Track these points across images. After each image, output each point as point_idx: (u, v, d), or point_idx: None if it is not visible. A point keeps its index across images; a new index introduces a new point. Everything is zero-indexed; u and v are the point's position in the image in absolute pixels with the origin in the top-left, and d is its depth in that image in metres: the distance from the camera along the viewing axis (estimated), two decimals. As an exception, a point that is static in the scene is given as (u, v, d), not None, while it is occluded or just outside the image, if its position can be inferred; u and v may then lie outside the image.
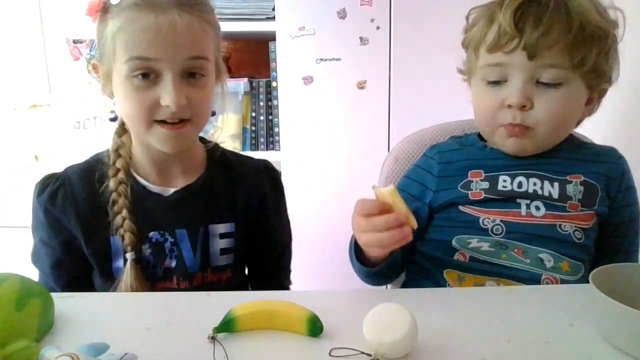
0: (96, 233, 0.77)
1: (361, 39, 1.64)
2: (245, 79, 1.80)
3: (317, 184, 1.74)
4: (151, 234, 0.79)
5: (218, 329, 0.56)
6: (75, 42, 2.11)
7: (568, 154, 0.79)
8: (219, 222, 0.82)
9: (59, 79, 2.17)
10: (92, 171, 0.79)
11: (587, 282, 0.75)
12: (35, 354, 0.49)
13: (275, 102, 1.78)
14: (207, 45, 0.74)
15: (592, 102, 0.78)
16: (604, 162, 0.79)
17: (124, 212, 0.76)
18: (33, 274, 0.61)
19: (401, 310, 0.53)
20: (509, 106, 0.73)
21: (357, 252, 0.73)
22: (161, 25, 0.68)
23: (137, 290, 0.75)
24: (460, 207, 0.77)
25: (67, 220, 0.77)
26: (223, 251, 0.82)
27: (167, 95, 0.70)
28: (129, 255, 0.76)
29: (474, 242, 0.75)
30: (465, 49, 0.83)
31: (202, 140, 0.88)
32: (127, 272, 0.76)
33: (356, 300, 0.68)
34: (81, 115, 2.19)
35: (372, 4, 1.61)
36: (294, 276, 0.95)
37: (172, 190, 0.80)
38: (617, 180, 0.78)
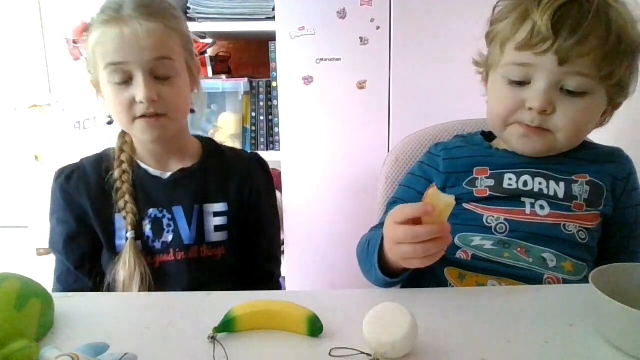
0: (103, 211, 0.88)
1: (361, 39, 1.64)
2: (245, 79, 1.80)
3: (317, 184, 1.74)
4: (150, 210, 0.89)
5: (218, 329, 0.56)
6: (75, 42, 2.11)
7: (574, 154, 0.78)
8: (212, 201, 0.91)
9: (59, 79, 2.17)
10: (101, 161, 0.91)
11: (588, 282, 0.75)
12: (35, 354, 0.49)
13: (275, 102, 1.78)
14: (171, 47, 0.84)
15: (606, 114, 0.77)
16: (611, 162, 0.79)
17: (127, 197, 0.87)
18: (33, 274, 0.61)
19: (401, 310, 0.53)
20: (529, 109, 0.71)
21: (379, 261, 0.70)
22: (126, 34, 0.80)
23: (135, 265, 0.84)
24: (465, 205, 0.77)
25: (80, 196, 0.88)
26: (217, 228, 0.91)
27: (139, 92, 0.81)
28: (129, 234, 0.86)
29: (477, 240, 0.74)
30: (488, 42, 0.79)
31: (198, 137, 0.98)
32: (126, 248, 0.86)
33: (356, 300, 0.68)
34: (81, 115, 2.19)
35: (372, 4, 1.61)
36: (294, 276, 0.96)
37: (169, 174, 0.91)
38: (623, 180, 0.78)
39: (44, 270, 0.89)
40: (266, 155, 1.84)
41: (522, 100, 0.72)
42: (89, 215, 0.88)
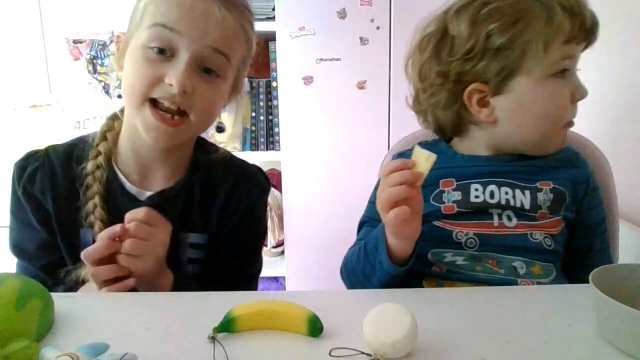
0: (68, 222, 0.75)
1: (361, 39, 1.64)
2: (245, 79, 1.80)
3: (317, 183, 1.74)
4: None
5: (218, 329, 0.56)
6: (75, 42, 2.11)
7: (537, 161, 0.79)
8: (190, 230, 0.79)
9: (59, 79, 2.17)
10: (75, 151, 0.77)
11: (561, 281, 0.75)
12: (35, 354, 0.49)
13: (275, 102, 1.78)
14: (234, 47, 0.73)
15: None
16: (571, 167, 0.80)
17: (97, 199, 0.74)
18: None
19: (401, 310, 0.53)
20: (576, 100, 0.75)
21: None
22: (196, 5, 0.67)
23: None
24: (434, 222, 0.77)
25: (45, 200, 0.75)
26: (191, 260, 0.80)
27: (174, 73, 0.67)
28: None
29: (449, 256, 0.75)
30: (507, 53, 0.73)
31: (211, 146, 0.86)
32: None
33: (356, 300, 0.68)
34: (81, 115, 2.19)
35: (372, 4, 1.61)
36: (294, 276, 0.95)
37: (148, 193, 0.78)
38: (584, 184, 0.79)
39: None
40: (266, 155, 1.85)
41: (570, 94, 0.74)
42: (50, 218, 0.76)
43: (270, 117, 1.84)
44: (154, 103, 0.70)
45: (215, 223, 0.80)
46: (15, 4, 2.08)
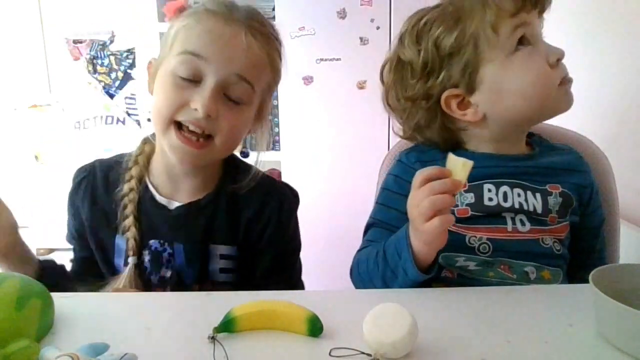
0: (103, 228, 0.81)
1: (361, 39, 1.64)
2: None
3: (317, 183, 1.74)
4: (152, 241, 0.80)
5: (218, 329, 0.56)
6: (75, 42, 2.11)
7: (544, 160, 0.79)
8: (219, 243, 0.81)
9: (59, 79, 2.17)
10: (114, 169, 0.83)
11: (566, 283, 0.75)
12: (35, 354, 0.49)
13: (275, 102, 1.78)
14: (258, 76, 0.75)
15: None
16: (577, 170, 0.80)
17: (131, 219, 0.79)
18: (33, 273, 0.61)
19: (401, 310, 0.53)
20: (557, 61, 0.74)
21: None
22: (225, 33, 0.70)
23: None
24: None
25: (83, 209, 0.82)
26: (223, 270, 0.82)
27: (199, 99, 0.70)
28: (130, 260, 0.79)
29: (461, 260, 0.75)
30: (462, 51, 0.75)
31: (240, 162, 0.87)
32: (126, 276, 0.78)
33: (356, 300, 0.68)
34: (81, 115, 2.19)
35: (372, 4, 1.61)
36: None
37: (176, 204, 0.81)
38: (589, 187, 0.79)
39: (43, 270, 0.88)
40: (266, 155, 1.85)
41: (545, 59, 0.73)
42: (83, 227, 0.83)
43: (270, 117, 1.84)
44: (179, 126, 0.73)
45: (242, 236, 0.82)
46: (15, 4, 2.08)
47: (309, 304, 0.58)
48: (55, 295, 0.61)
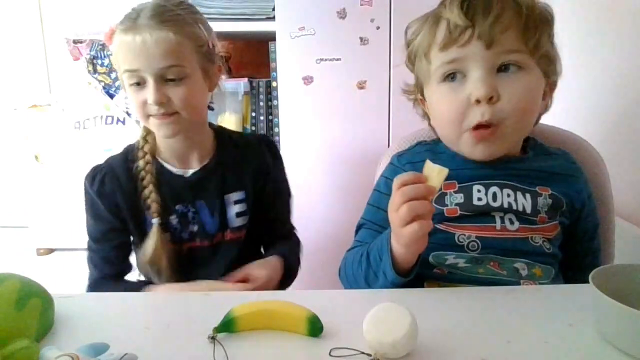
0: (135, 203, 0.94)
1: (361, 39, 1.64)
2: (245, 79, 1.80)
3: (317, 183, 1.74)
4: (177, 206, 0.96)
5: (218, 329, 0.56)
6: (75, 42, 2.11)
7: (535, 164, 0.79)
8: (231, 191, 0.99)
9: (59, 79, 2.17)
10: (127, 156, 0.97)
11: (560, 281, 0.75)
12: (35, 354, 0.49)
13: (275, 102, 1.78)
14: (181, 54, 0.88)
15: (546, 96, 0.78)
16: (568, 175, 0.79)
17: (151, 186, 0.94)
18: (33, 274, 0.61)
19: (401, 310, 0.53)
20: (477, 102, 0.70)
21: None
22: (137, 43, 0.85)
23: (162, 250, 0.92)
24: (436, 224, 0.76)
25: (114, 195, 0.95)
26: (238, 214, 1.00)
27: (150, 96, 0.87)
28: (154, 221, 0.93)
29: (451, 258, 0.75)
30: (411, 65, 0.81)
31: (210, 125, 1.04)
32: (152, 235, 0.93)
33: (356, 300, 0.68)
34: (81, 115, 2.19)
35: (372, 4, 1.61)
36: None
37: (191, 171, 0.98)
38: (581, 193, 0.79)
39: (44, 270, 0.88)
40: (266, 155, 1.85)
41: (466, 96, 0.71)
42: (122, 210, 0.95)
43: (270, 117, 1.84)
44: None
45: (250, 183, 1.01)
46: (15, 4, 2.08)
47: (309, 304, 0.58)
48: (55, 295, 0.61)
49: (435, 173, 0.65)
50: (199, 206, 0.97)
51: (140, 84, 0.88)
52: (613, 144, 1.22)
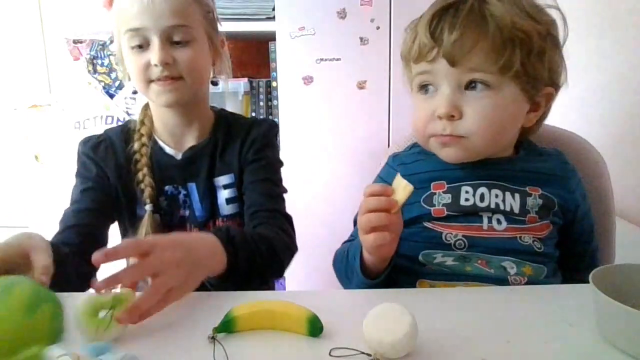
0: (126, 179, 0.92)
1: (361, 39, 1.64)
2: (245, 79, 1.80)
3: (316, 183, 1.74)
4: (167, 187, 0.94)
5: (218, 329, 0.56)
6: (75, 42, 2.11)
7: (527, 165, 0.79)
8: (220, 174, 0.95)
9: (59, 79, 2.17)
10: (126, 131, 0.96)
11: (557, 280, 0.76)
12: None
13: (275, 102, 1.78)
14: (189, 15, 0.86)
15: (539, 107, 0.77)
16: (560, 176, 0.79)
17: (145, 170, 0.91)
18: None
19: (401, 310, 0.53)
20: (439, 117, 0.73)
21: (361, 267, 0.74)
22: (143, 1, 0.82)
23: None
24: (425, 223, 0.77)
25: (106, 165, 0.92)
26: (228, 201, 0.95)
27: (154, 56, 0.83)
28: (147, 207, 0.91)
29: (439, 257, 0.75)
30: (404, 64, 0.83)
31: (213, 108, 1.01)
32: (145, 222, 0.90)
33: (356, 300, 0.68)
34: (81, 115, 2.19)
35: (372, 4, 1.61)
36: (294, 276, 0.96)
37: (183, 151, 0.95)
38: (574, 193, 0.79)
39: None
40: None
41: (432, 110, 0.74)
42: (110, 182, 0.92)
43: (270, 117, 1.84)
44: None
45: (237, 164, 0.95)
46: (15, 4, 2.08)
47: (309, 304, 0.58)
48: (60, 296, 0.61)
49: (401, 187, 0.66)
50: (190, 189, 0.94)
51: (142, 46, 0.84)
52: (613, 144, 1.22)
